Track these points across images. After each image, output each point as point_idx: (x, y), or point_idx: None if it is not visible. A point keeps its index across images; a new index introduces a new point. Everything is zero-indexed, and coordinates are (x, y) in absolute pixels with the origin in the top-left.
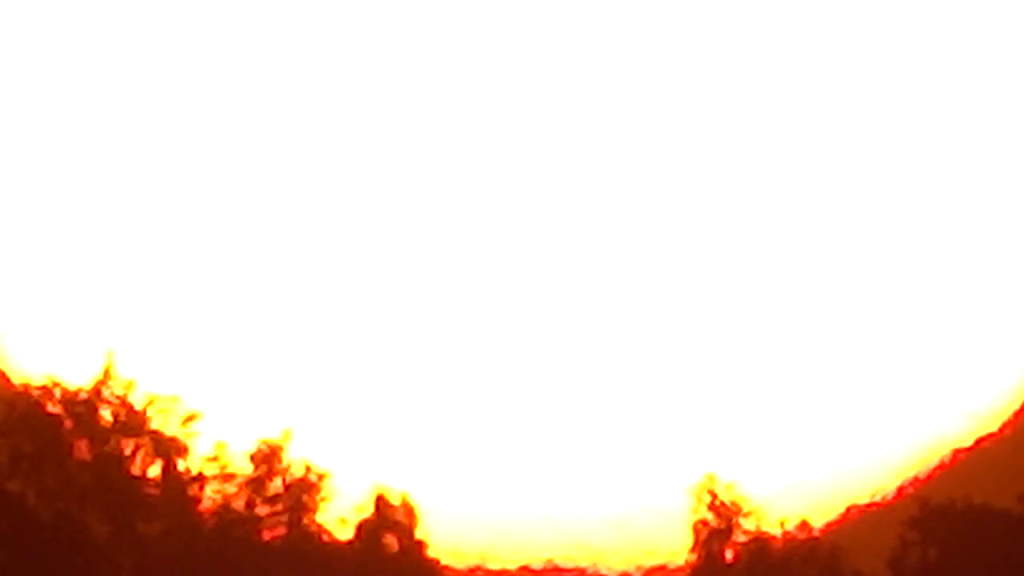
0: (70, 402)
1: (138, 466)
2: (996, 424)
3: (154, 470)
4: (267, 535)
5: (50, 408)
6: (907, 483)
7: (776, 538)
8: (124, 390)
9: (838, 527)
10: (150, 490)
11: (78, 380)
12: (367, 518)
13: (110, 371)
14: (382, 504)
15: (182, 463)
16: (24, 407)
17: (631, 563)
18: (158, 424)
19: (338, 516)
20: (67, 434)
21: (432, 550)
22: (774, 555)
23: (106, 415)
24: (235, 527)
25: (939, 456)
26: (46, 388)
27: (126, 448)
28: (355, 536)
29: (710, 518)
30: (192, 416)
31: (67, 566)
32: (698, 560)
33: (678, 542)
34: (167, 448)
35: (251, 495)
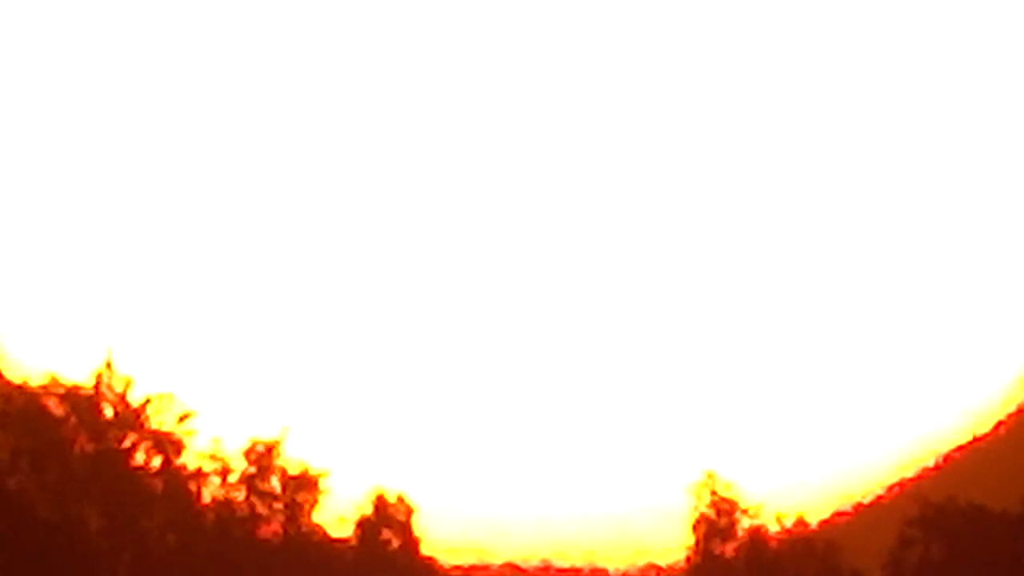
0: (69, 399)
1: (137, 462)
2: (993, 422)
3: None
4: (265, 532)
5: (49, 405)
6: (905, 481)
7: (774, 535)
8: (123, 387)
9: (836, 524)
10: (148, 486)
11: (77, 377)
12: (365, 516)
13: (109, 368)
14: (380, 502)
15: (180, 460)
16: (23, 404)
17: (629, 562)
18: (156, 421)
19: (336, 514)
20: (66, 431)
21: (430, 548)
22: (772, 552)
23: (105, 412)
24: (233, 524)
25: (937, 454)
26: (45, 385)
27: (125, 445)
28: (353, 534)
29: (709, 516)
30: (188, 414)
31: (65, 561)
32: (697, 557)
33: (677, 541)
34: (165, 445)
35: (249, 493)
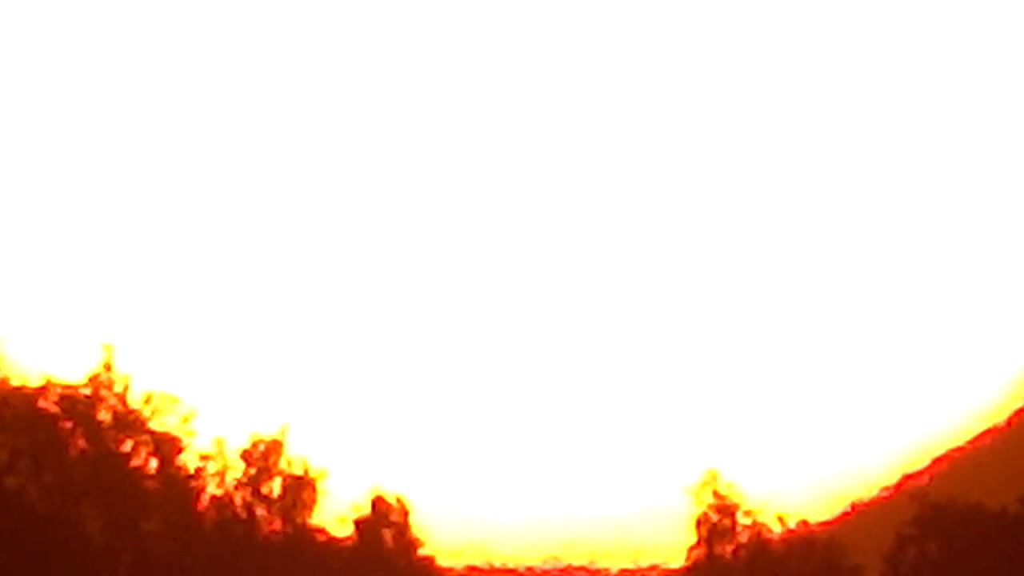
0: (68, 399)
1: (136, 463)
2: (994, 422)
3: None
4: (264, 533)
5: (48, 406)
6: (905, 480)
7: (775, 535)
8: (122, 387)
9: (836, 524)
10: (148, 487)
11: (75, 377)
12: (364, 517)
13: (108, 368)
14: (379, 503)
15: (180, 460)
16: (21, 404)
17: (631, 562)
18: (155, 422)
19: (336, 515)
20: (65, 431)
21: (429, 549)
22: (773, 552)
23: (104, 412)
24: (233, 525)
25: (937, 453)
26: (43, 386)
27: (124, 445)
28: (352, 535)
29: (710, 515)
30: (189, 414)
31: (64, 563)
32: (698, 557)
33: (677, 541)
34: (165, 445)
35: (249, 493)
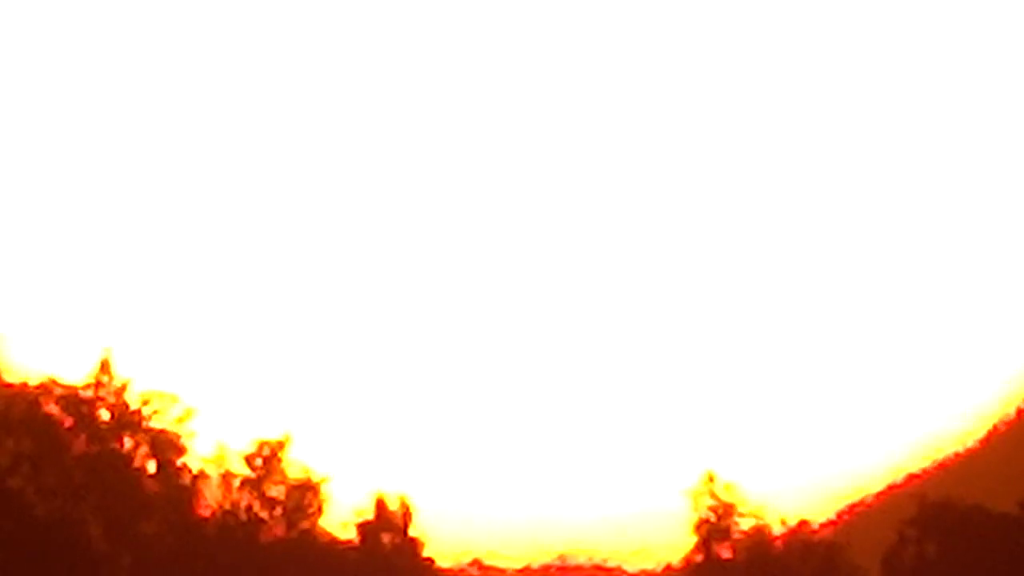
0: (68, 401)
1: (136, 465)
2: (994, 422)
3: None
4: (267, 537)
5: (48, 407)
6: (904, 481)
7: (775, 535)
8: (122, 388)
9: (836, 524)
10: (148, 489)
11: (76, 379)
12: (367, 521)
13: (108, 370)
14: (381, 507)
15: (180, 462)
16: (22, 406)
17: (631, 564)
18: (156, 423)
19: (338, 519)
20: (65, 433)
21: (431, 551)
22: (772, 552)
23: (104, 414)
24: (234, 529)
25: (936, 454)
26: (44, 386)
27: (124, 447)
28: (355, 538)
29: (709, 516)
30: (188, 414)
31: (65, 565)
32: (698, 558)
33: (678, 541)
34: (165, 447)
35: (251, 497)
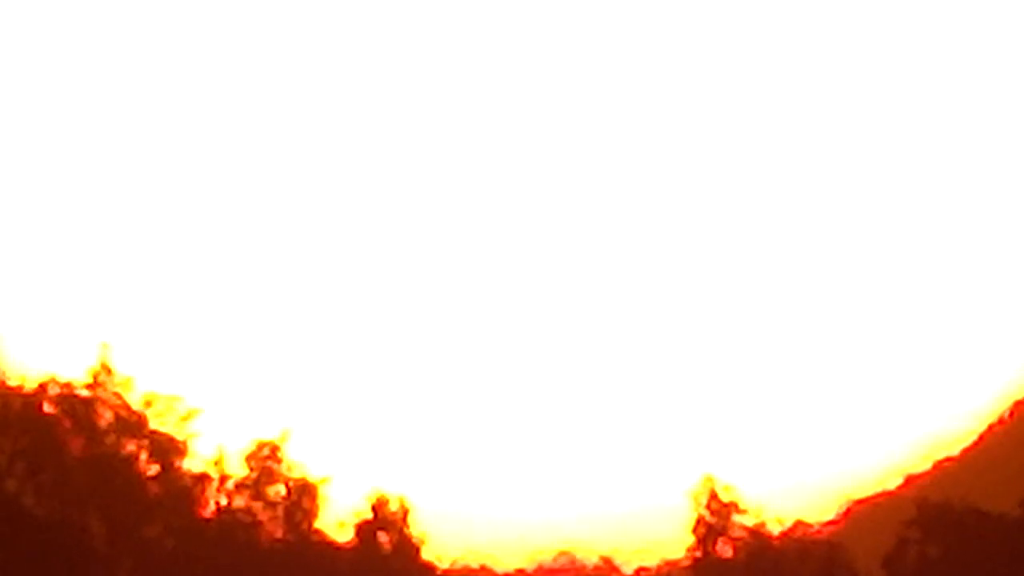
0: (67, 401)
1: (137, 466)
2: (993, 423)
3: (152, 470)
4: (266, 537)
5: (47, 407)
6: (904, 481)
7: (774, 536)
8: (122, 389)
9: (835, 525)
10: (149, 490)
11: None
12: (365, 520)
13: (107, 369)
14: (380, 507)
15: (181, 463)
16: (21, 406)
17: (631, 563)
18: (156, 423)
19: (337, 519)
20: (64, 433)
21: (430, 551)
22: (772, 553)
23: (104, 414)
24: (234, 529)
25: (936, 455)
26: (43, 386)
27: (124, 448)
28: (353, 539)
29: (709, 517)
30: (190, 414)
31: (65, 566)
32: (697, 558)
33: (677, 541)
34: (165, 448)
35: (250, 498)
